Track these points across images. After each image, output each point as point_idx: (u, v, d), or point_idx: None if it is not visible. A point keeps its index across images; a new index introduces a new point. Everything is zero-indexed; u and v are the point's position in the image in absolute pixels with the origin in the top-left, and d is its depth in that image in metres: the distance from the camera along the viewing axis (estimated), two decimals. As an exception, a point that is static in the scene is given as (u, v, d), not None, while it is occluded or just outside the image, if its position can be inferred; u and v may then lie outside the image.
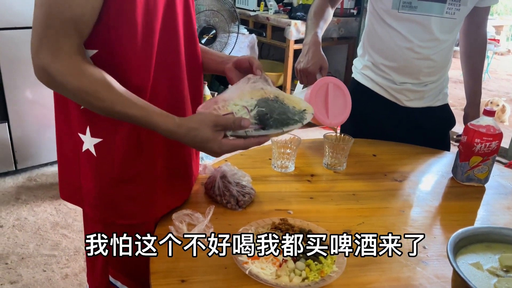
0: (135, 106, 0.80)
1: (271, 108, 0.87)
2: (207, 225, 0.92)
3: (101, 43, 0.81)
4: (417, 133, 1.53)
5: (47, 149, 2.85)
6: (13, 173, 2.80)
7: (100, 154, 0.88)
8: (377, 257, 0.88)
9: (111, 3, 0.77)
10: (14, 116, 2.66)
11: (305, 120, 0.88)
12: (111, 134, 0.87)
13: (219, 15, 3.06)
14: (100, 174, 0.89)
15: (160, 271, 0.83)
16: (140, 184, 0.92)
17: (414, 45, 1.41)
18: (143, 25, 0.81)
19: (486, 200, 1.19)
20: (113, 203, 0.92)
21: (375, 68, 1.52)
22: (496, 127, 1.18)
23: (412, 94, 1.50)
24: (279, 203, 1.09)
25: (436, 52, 1.43)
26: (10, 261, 2.06)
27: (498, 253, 0.80)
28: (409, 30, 1.40)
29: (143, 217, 0.94)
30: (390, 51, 1.46)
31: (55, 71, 0.76)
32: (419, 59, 1.43)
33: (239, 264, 0.82)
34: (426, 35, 1.40)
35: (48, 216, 2.41)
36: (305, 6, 3.79)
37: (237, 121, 0.81)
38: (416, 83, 1.48)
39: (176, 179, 0.99)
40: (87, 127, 0.87)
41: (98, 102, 0.79)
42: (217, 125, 0.81)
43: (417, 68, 1.45)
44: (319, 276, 0.81)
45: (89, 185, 0.92)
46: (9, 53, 2.51)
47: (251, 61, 0.99)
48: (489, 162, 1.21)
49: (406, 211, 1.10)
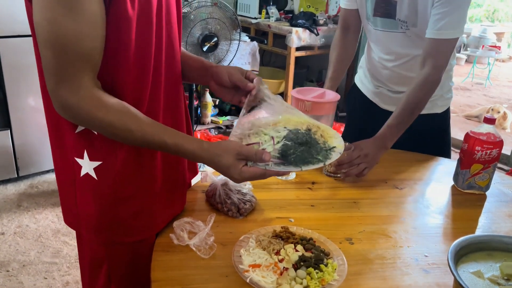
0: (164, 133, 0.82)
1: (299, 141, 0.88)
2: (208, 233, 0.92)
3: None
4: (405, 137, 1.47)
5: (49, 157, 2.82)
6: (15, 180, 2.80)
7: (101, 176, 0.87)
8: (377, 265, 0.88)
9: (108, 30, 0.77)
10: (16, 124, 2.67)
11: (328, 160, 0.88)
12: (111, 155, 0.86)
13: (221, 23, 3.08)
14: (102, 196, 0.89)
15: (161, 279, 0.83)
16: (141, 198, 0.92)
17: (377, 56, 1.49)
18: (138, 44, 0.81)
19: (487, 208, 1.19)
20: (117, 222, 0.91)
21: (364, 70, 1.64)
22: (496, 135, 1.18)
23: (388, 99, 1.54)
24: (280, 211, 1.09)
25: (400, 64, 1.44)
26: (11, 268, 2.06)
27: (499, 261, 0.80)
28: (374, 41, 1.50)
29: (146, 232, 0.94)
30: (366, 57, 1.58)
31: (80, 108, 0.76)
32: (384, 69, 1.49)
33: (240, 272, 0.83)
34: (385, 48, 1.46)
35: (49, 223, 2.41)
36: (306, 14, 3.81)
37: (259, 154, 0.84)
38: (389, 89, 1.53)
39: (173, 190, 0.99)
40: (84, 151, 0.86)
41: (127, 134, 0.80)
42: (240, 154, 0.84)
43: (385, 77, 1.51)
44: (320, 285, 0.81)
45: (90, 209, 0.90)
46: (12, 61, 2.53)
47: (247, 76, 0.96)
48: (490, 169, 1.21)
49: (407, 219, 1.10)
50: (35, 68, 0.83)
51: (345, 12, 1.56)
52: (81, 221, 0.93)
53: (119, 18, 0.76)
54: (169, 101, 0.93)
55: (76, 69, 0.74)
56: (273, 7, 3.95)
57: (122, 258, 0.95)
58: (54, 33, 0.71)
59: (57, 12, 0.70)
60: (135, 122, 0.80)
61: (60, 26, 0.71)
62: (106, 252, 0.93)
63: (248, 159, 0.85)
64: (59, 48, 0.73)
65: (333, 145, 0.91)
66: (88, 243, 0.97)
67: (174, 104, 0.96)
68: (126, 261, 0.95)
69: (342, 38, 1.58)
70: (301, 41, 3.67)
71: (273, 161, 0.85)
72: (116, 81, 0.82)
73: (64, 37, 0.72)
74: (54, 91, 0.76)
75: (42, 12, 0.71)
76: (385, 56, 1.47)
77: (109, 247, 0.93)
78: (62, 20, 0.71)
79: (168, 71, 0.91)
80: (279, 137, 0.89)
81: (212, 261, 0.88)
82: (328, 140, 0.92)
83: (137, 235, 0.93)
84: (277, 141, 0.87)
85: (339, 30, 1.59)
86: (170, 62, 0.91)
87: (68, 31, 0.71)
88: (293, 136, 0.89)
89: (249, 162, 0.85)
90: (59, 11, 0.70)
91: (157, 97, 0.90)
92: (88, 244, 0.97)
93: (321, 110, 1.27)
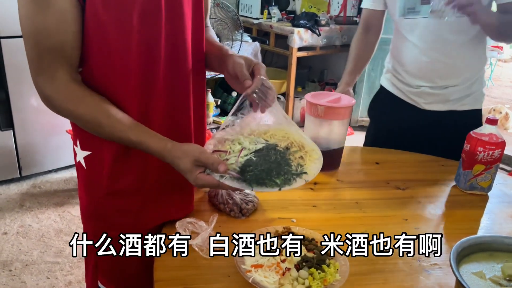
0: (130, 130, 0.85)
1: (265, 160, 0.84)
2: (211, 233, 0.92)
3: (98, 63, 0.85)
4: (440, 137, 1.51)
5: (51, 157, 2.87)
6: (17, 180, 2.81)
7: (90, 166, 0.92)
8: (380, 265, 0.88)
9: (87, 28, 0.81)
10: (19, 124, 2.68)
11: (287, 186, 0.83)
12: (98, 147, 0.90)
13: (223, 23, 3.08)
14: (91, 186, 0.93)
15: (163, 279, 0.83)
16: (129, 197, 0.93)
17: (422, 48, 1.43)
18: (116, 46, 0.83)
19: (490, 209, 1.19)
20: (102, 214, 0.94)
21: (395, 72, 1.56)
22: (498, 136, 1.18)
23: (431, 97, 1.49)
24: (282, 211, 1.09)
25: (446, 53, 1.41)
26: (14, 268, 2.07)
27: (501, 262, 0.80)
28: (416, 34, 1.43)
29: (133, 228, 0.93)
30: (403, 57, 1.50)
31: (54, 99, 0.83)
32: (430, 62, 1.43)
33: (242, 272, 0.83)
34: (432, 36, 1.40)
35: (52, 223, 2.42)
36: (308, 14, 3.81)
37: (215, 164, 0.82)
38: (433, 86, 1.47)
39: (169, 193, 0.99)
40: (77, 139, 0.92)
41: (98, 128, 0.85)
42: (197, 161, 0.84)
43: (430, 71, 1.45)
44: (322, 285, 0.81)
45: (82, 196, 0.96)
46: (14, 61, 2.54)
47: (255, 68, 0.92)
48: (492, 170, 1.21)
49: (409, 219, 1.10)
50: None
51: (368, 13, 1.56)
52: (80, 206, 0.99)
53: (93, 19, 0.80)
54: (172, 98, 0.93)
55: (49, 61, 0.81)
56: (275, 8, 3.95)
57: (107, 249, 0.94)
58: (28, 27, 0.79)
59: (30, 9, 0.78)
60: (105, 117, 0.83)
61: (32, 22, 0.79)
62: (94, 240, 0.94)
63: (206, 166, 0.84)
64: (32, 41, 0.80)
65: (305, 171, 0.86)
66: (86, 231, 1.00)
67: (179, 101, 0.95)
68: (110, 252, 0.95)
69: (363, 39, 1.59)
70: (303, 42, 3.67)
71: (230, 174, 0.82)
72: (103, 77, 0.86)
73: (36, 31, 0.79)
74: (34, 81, 0.83)
75: (20, 9, 0.80)
76: (431, 45, 1.41)
77: (96, 237, 0.93)
78: (34, 16, 0.78)
79: (169, 70, 0.90)
80: (250, 150, 0.85)
81: (214, 261, 0.88)
82: (307, 163, 0.87)
83: (121, 231, 0.92)
84: (245, 154, 0.85)
85: (360, 30, 1.61)
86: (173, 60, 0.91)
87: (38, 26, 0.79)
88: (265, 152, 0.85)
89: (207, 170, 0.84)
90: (31, 8, 0.78)
91: (156, 96, 0.90)
92: (85, 231, 1.00)
93: (336, 115, 1.23)
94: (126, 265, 0.97)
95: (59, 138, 2.82)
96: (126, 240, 0.84)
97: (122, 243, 0.83)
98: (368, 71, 3.89)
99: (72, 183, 2.83)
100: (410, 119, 1.54)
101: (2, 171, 2.73)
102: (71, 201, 2.63)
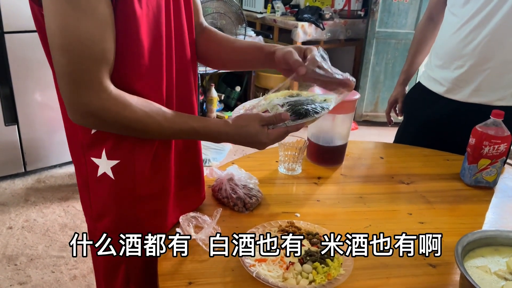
0: (190, 119, 0.85)
1: (299, 101, 0.94)
2: (214, 227, 0.92)
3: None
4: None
5: (56, 151, 2.87)
6: (22, 174, 2.83)
7: (119, 175, 0.86)
8: (384, 260, 0.88)
9: (117, 29, 0.76)
10: (23, 119, 2.69)
11: (331, 105, 0.94)
12: (128, 154, 0.86)
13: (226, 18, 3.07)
14: (120, 195, 0.88)
15: (167, 273, 0.84)
16: (157, 198, 0.92)
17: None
18: (149, 41, 0.80)
19: (495, 203, 1.18)
20: (134, 222, 0.91)
21: (435, 60, 1.55)
22: (505, 129, 1.17)
23: (466, 86, 1.43)
24: (286, 205, 1.09)
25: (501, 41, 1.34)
26: (19, 262, 2.08)
27: (506, 256, 0.80)
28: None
29: (160, 230, 0.93)
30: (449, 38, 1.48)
31: (107, 111, 0.76)
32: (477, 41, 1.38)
33: (246, 266, 0.83)
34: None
35: (56, 217, 2.43)
36: (312, 8, 3.79)
37: (278, 115, 0.88)
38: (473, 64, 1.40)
39: (185, 188, 0.99)
40: (102, 150, 0.85)
41: (156, 128, 0.81)
42: (262, 120, 0.88)
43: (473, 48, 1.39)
44: (326, 279, 0.81)
45: (106, 210, 0.90)
46: (19, 56, 2.54)
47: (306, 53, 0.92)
48: (498, 164, 1.20)
49: (413, 214, 1.09)
50: (41, 63, 0.84)
51: (433, 1, 1.62)
52: (97, 223, 0.92)
53: (127, 17, 0.75)
54: (181, 94, 0.93)
55: (94, 73, 0.73)
56: (278, 2, 3.93)
57: (139, 257, 0.95)
58: (68, 38, 0.71)
59: (69, 17, 0.69)
60: (161, 115, 0.81)
61: (73, 32, 0.70)
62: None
63: (269, 123, 0.89)
64: (73, 53, 0.71)
65: (324, 99, 0.97)
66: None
67: (187, 96, 0.95)
68: (142, 259, 0.94)
69: (423, 29, 1.66)
70: (307, 36, 3.65)
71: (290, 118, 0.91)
72: (129, 79, 0.81)
73: (78, 41, 0.71)
74: (72, 99, 0.74)
75: (54, 20, 0.70)
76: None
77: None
78: (75, 25, 0.70)
79: (178, 64, 0.90)
80: (281, 102, 0.95)
81: (218, 256, 0.88)
82: (315, 98, 0.97)
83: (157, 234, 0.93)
84: (282, 104, 0.94)
85: (424, 19, 1.67)
86: (181, 55, 0.91)
87: (81, 36, 0.71)
88: (291, 99, 0.96)
89: (270, 126, 0.89)
90: (71, 16, 0.69)
91: (171, 92, 0.89)
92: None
93: (340, 109, 1.19)
94: (154, 268, 0.96)
95: (63, 133, 2.79)
96: (126, 240, 0.83)
97: (122, 243, 0.83)
98: (372, 65, 3.87)
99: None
100: (444, 112, 1.50)
101: (7, 166, 2.75)
102: (76, 196, 2.64)
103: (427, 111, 1.57)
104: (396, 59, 3.86)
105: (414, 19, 3.73)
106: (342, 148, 1.33)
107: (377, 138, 3.64)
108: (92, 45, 0.72)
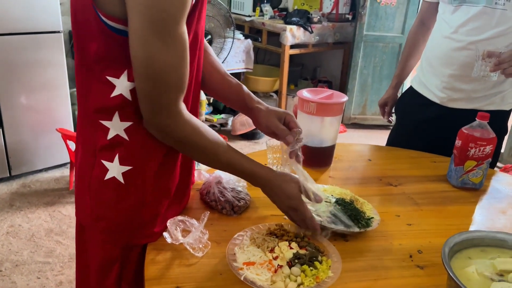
0: (242, 159, 0.91)
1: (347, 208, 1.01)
2: (202, 231, 0.91)
3: None
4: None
5: (41, 155, 2.84)
6: (7, 179, 2.78)
7: (129, 181, 0.87)
8: (372, 262, 0.88)
9: None
10: (8, 122, 2.65)
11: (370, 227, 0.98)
12: (142, 161, 0.87)
13: (215, 20, 3.07)
14: (126, 200, 0.88)
15: (154, 277, 0.83)
16: (161, 202, 0.93)
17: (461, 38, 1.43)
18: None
19: (481, 205, 1.19)
20: (139, 226, 0.91)
21: (426, 66, 1.58)
22: (490, 131, 1.18)
23: (456, 93, 1.46)
24: (274, 208, 1.08)
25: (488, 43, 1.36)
26: (4, 268, 2.04)
27: (493, 257, 0.80)
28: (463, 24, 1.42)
29: (159, 233, 0.94)
30: (440, 45, 1.51)
31: (180, 132, 0.82)
32: (465, 49, 1.41)
33: (234, 270, 0.82)
34: (479, 26, 1.38)
35: (42, 222, 2.40)
36: (300, 11, 3.81)
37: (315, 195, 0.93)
38: (461, 74, 1.43)
39: (181, 190, 1.00)
40: (116, 155, 0.85)
41: (213, 157, 0.88)
42: (301, 187, 0.93)
43: (464, 58, 1.42)
44: (314, 282, 0.81)
45: (109, 212, 0.90)
46: (4, 59, 2.50)
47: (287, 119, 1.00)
48: (484, 166, 1.21)
49: (401, 215, 1.10)
50: (27, 66, 0.84)
51: (425, 6, 1.63)
52: (97, 223, 0.91)
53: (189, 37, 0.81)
54: (193, 111, 0.94)
55: (172, 98, 0.79)
56: (267, 5, 3.94)
57: (134, 258, 0.95)
58: (152, 68, 0.75)
59: (154, 47, 0.73)
60: (221, 147, 0.88)
61: (157, 61, 0.74)
62: (121, 253, 0.93)
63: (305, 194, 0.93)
64: (156, 81, 0.76)
65: (372, 216, 1.02)
66: (101, 243, 0.94)
67: (195, 112, 0.97)
68: (136, 260, 0.95)
69: (415, 33, 1.68)
70: (295, 39, 3.67)
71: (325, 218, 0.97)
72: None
73: (161, 70, 0.75)
74: (151, 119, 0.80)
75: (140, 49, 0.74)
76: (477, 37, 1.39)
77: (125, 248, 0.93)
78: (159, 55, 0.74)
79: (195, 81, 0.92)
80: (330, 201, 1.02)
81: (206, 259, 0.87)
82: (367, 212, 1.03)
83: (154, 237, 0.93)
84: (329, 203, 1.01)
85: (415, 23, 1.68)
86: (199, 63, 0.93)
87: (165, 64, 0.75)
88: (341, 202, 1.02)
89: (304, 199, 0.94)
90: (156, 46, 0.73)
91: (195, 110, 0.94)
92: (101, 244, 0.94)
93: (327, 112, 1.23)
94: None
95: (49, 136, 2.79)
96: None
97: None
98: (360, 68, 3.90)
99: (62, 182, 2.80)
100: (436, 116, 1.53)
101: (-9, 171, 2.70)
102: (62, 201, 2.60)
103: (418, 115, 1.59)
104: (384, 62, 3.90)
105: (401, 23, 3.77)
106: (330, 150, 1.33)
107: (365, 141, 3.66)
108: (173, 72, 0.77)
